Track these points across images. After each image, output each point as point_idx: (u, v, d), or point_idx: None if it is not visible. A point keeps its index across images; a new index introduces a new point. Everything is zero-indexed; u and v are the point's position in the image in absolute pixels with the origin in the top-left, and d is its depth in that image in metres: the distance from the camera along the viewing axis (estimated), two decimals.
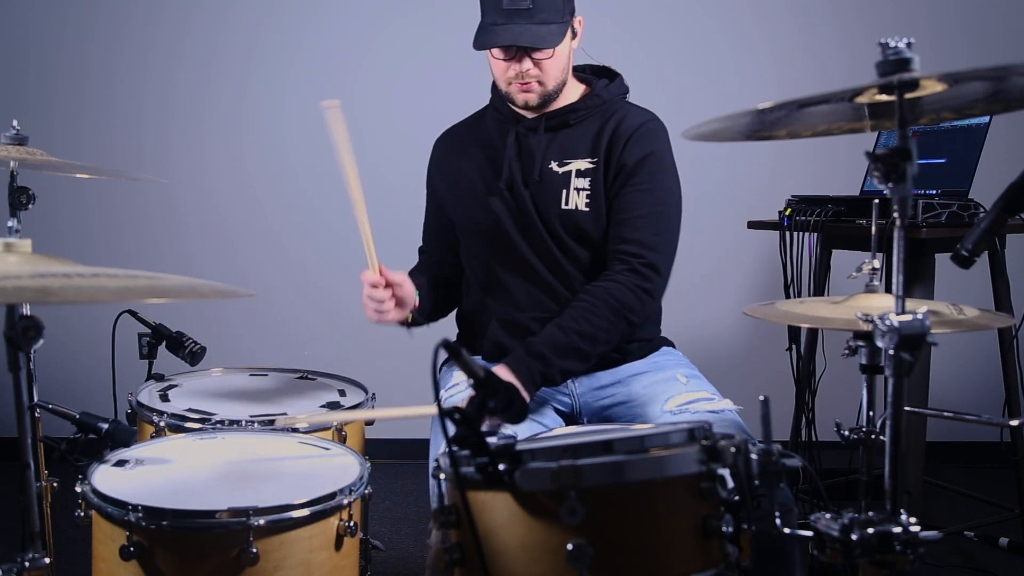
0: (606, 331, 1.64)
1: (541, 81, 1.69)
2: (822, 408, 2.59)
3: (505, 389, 1.04)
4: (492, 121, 1.84)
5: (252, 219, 3.36)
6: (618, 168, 1.72)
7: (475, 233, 1.82)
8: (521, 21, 1.61)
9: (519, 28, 1.61)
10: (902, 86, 1.00)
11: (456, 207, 1.85)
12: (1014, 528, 2.53)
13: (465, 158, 1.84)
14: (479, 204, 1.78)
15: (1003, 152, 2.54)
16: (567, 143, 1.75)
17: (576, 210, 1.72)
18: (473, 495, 0.98)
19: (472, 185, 1.80)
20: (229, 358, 2.06)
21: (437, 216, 1.93)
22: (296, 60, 3.33)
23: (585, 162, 1.73)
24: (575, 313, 1.64)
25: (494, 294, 1.80)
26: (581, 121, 1.76)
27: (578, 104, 1.76)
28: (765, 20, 3.33)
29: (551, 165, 1.74)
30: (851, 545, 0.96)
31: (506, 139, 1.77)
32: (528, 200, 1.74)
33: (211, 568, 1.21)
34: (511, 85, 1.71)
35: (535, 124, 1.76)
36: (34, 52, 3.30)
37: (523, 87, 1.69)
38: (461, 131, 1.91)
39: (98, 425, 1.43)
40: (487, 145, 1.82)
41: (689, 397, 1.68)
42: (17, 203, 1.63)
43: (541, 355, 1.59)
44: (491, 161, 1.80)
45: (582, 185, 1.72)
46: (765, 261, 3.03)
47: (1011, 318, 1.78)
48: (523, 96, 1.71)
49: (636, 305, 1.66)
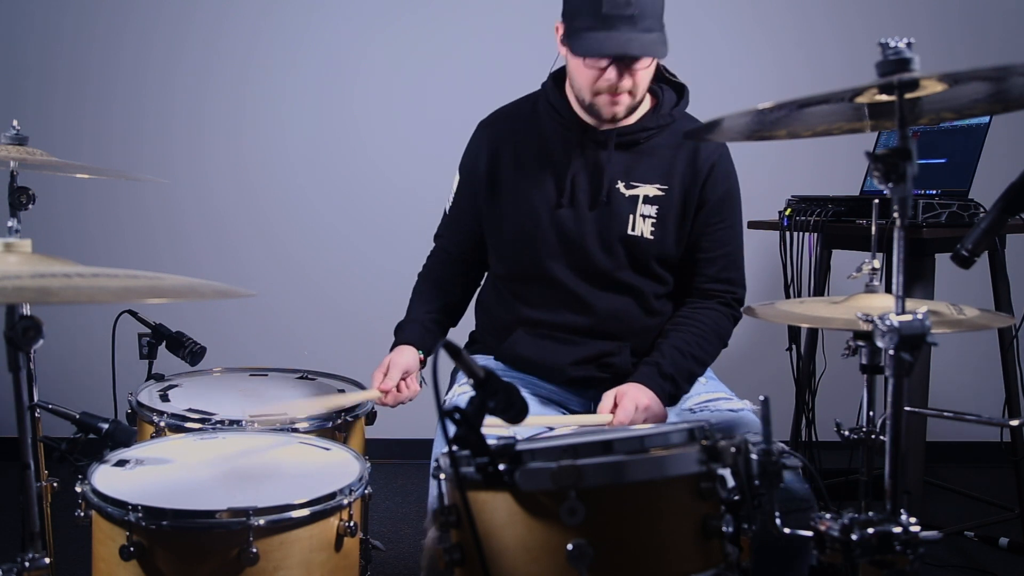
0: (711, 356, 1.72)
1: (632, 92, 1.59)
2: (822, 408, 2.60)
3: (505, 389, 1.04)
4: (550, 121, 1.72)
5: (252, 219, 3.36)
6: (700, 203, 1.70)
7: (518, 244, 1.74)
8: (624, 28, 1.49)
9: (625, 36, 1.50)
10: (902, 86, 1.00)
11: (502, 213, 1.76)
12: (1014, 528, 2.53)
13: (520, 160, 1.74)
14: (532, 214, 1.71)
15: (1003, 152, 2.54)
16: (637, 165, 1.69)
17: (641, 237, 1.68)
18: (473, 495, 0.98)
19: (525, 191, 1.72)
20: (229, 358, 2.06)
21: (471, 207, 1.82)
22: (296, 60, 3.33)
23: (654, 188, 1.68)
24: (690, 338, 1.67)
25: (526, 303, 1.76)
26: (650, 140, 1.69)
27: (648, 122, 1.69)
28: (765, 20, 3.33)
29: (619, 186, 1.68)
30: (851, 545, 0.96)
31: (571, 150, 1.69)
32: (592, 222, 1.69)
33: (211, 568, 1.21)
34: (599, 96, 1.60)
35: (604, 139, 1.67)
36: (34, 52, 3.30)
37: (613, 98, 1.59)
38: (513, 122, 1.79)
39: (98, 425, 1.43)
40: (546, 150, 1.72)
41: (708, 396, 1.69)
42: (17, 203, 1.63)
43: (672, 377, 1.62)
44: (551, 171, 1.71)
45: (649, 212, 1.68)
46: (765, 261, 3.02)
47: (1011, 318, 1.78)
48: (610, 110, 1.61)
49: (729, 331, 1.75)
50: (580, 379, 1.73)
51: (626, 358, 1.71)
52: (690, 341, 1.67)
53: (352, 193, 3.34)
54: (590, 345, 1.72)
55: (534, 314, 1.75)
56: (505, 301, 1.81)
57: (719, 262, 1.73)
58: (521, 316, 1.76)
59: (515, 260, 1.77)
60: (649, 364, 1.63)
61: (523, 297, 1.77)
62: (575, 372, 1.72)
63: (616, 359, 1.71)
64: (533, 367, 1.75)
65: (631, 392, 1.54)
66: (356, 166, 3.33)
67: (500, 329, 1.80)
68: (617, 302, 1.72)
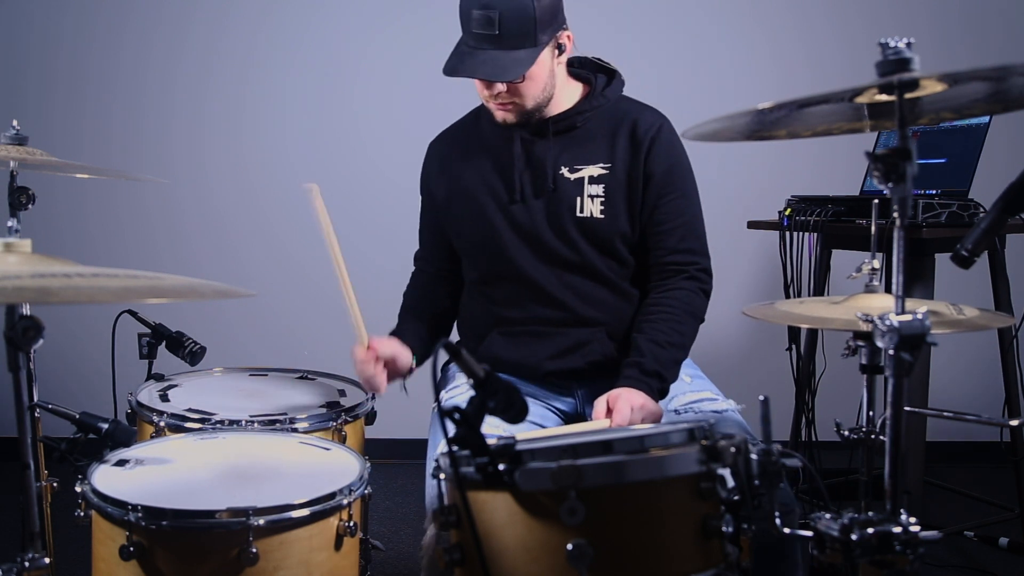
0: (690, 337, 1.70)
1: (516, 103, 1.66)
2: (822, 408, 2.59)
3: (505, 389, 1.04)
4: (490, 125, 1.77)
5: (252, 219, 3.36)
6: (646, 176, 1.70)
7: (480, 246, 1.78)
8: (488, 47, 1.58)
9: (483, 56, 1.58)
10: (902, 86, 1.00)
11: (459, 220, 1.80)
12: (1014, 528, 2.53)
13: (467, 168, 1.79)
14: (486, 218, 1.74)
15: (1003, 152, 2.54)
16: (576, 148, 1.72)
17: (591, 217, 1.70)
18: (473, 495, 0.98)
19: (477, 197, 1.76)
20: (229, 358, 2.05)
21: (435, 223, 1.88)
22: (296, 60, 3.33)
23: (598, 168, 1.71)
24: (664, 327, 1.66)
25: (498, 303, 1.78)
26: (586, 123, 1.73)
27: (582, 106, 1.73)
28: (765, 20, 3.33)
29: (562, 171, 1.71)
30: (851, 545, 0.96)
31: (512, 147, 1.73)
32: (541, 211, 1.72)
33: (211, 568, 1.21)
34: (489, 102, 1.69)
35: (542, 129, 1.72)
36: (34, 52, 3.30)
37: (500, 106, 1.68)
38: (457, 136, 1.86)
39: (98, 425, 1.43)
40: (489, 152, 1.77)
41: (693, 397, 1.69)
42: (17, 203, 1.63)
43: (656, 373, 1.61)
44: (497, 170, 1.75)
45: (596, 191, 1.70)
46: (765, 261, 3.03)
47: (1011, 318, 1.78)
48: (501, 114, 1.69)
49: (703, 307, 1.74)
50: (559, 372, 1.73)
51: (604, 343, 1.72)
52: (664, 330, 1.66)
53: (352, 193, 3.34)
54: (566, 335, 1.73)
55: (507, 312, 1.77)
56: (479, 305, 1.82)
57: (677, 232, 1.72)
58: (496, 317, 1.78)
59: (481, 262, 1.80)
60: (630, 365, 1.63)
61: (494, 298, 1.79)
62: (552, 366, 1.73)
63: (593, 346, 1.72)
64: (511, 367, 1.75)
65: (624, 395, 1.54)
66: (356, 166, 3.33)
67: (477, 334, 1.82)
68: (585, 287, 1.73)
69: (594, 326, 1.73)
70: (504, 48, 1.58)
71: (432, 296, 1.91)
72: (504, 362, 1.75)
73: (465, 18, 1.60)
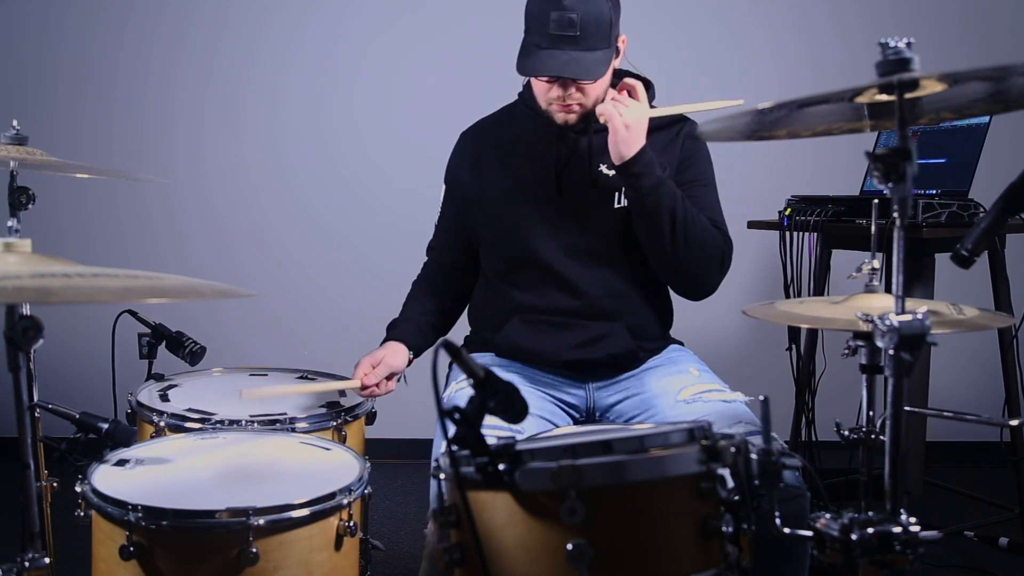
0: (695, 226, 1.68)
1: (583, 104, 1.68)
2: (822, 408, 2.59)
3: (505, 389, 1.04)
4: (529, 121, 1.80)
5: (252, 219, 3.36)
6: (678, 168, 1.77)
7: (508, 237, 1.80)
8: (567, 47, 1.59)
9: (565, 56, 1.59)
10: (902, 86, 1.00)
11: (488, 212, 1.83)
12: (1014, 528, 2.53)
13: (502, 161, 1.82)
14: (519, 211, 1.78)
15: (1003, 152, 2.54)
16: None
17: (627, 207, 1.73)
18: (473, 495, 0.98)
19: (510, 192, 1.79)
20: (229, 358, 2.06)
21: (457, 213, 1.90)
22: (296, 60, 3.33)
23: None
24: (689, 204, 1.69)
25: (519, 292, 1.80)
26: None
27: None
28: (765, 20, 3.33)
29: (601, 168, 1.74)
30: (851, 545, 0.96)
31: (551, 144, 1.75)
32: (579, 206, 1.75)
33: (211, 568, 1.21)
34: (551, 105, 1.70)
35: (582, 126, 1.74)
36: (34, 52, 3.30)
37: (564, 108, 1.69)
38: (492, 129, 1.89)
39: (98, 425, 1.43)
40: (527, 148, 1.79)
41: (702, 388, 1.70)
42: (17, 203, 1.63)
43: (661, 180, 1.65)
44: (535, 166, 1.77)
45: None
46: (765, 261, 3.03)
47: (1011, 318, 1.78)
48: (563, 116, 1.71)
49: (719, 246, 1.73)
50: (576, 362, 1.76)
51: (623, 337, 1.75)
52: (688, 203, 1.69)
53: (352, 193, 3.34)
54: (586, 327, 1.75)
55: (529, 301, 1.78)
56: (499, 295, 1.84)
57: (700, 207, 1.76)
58: (517, 304, 1.80)
59: (508, 253, 1.82)
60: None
61: (518, 286, 1.80)
62: (570, 355, 1.75)
63: (612, 339, 1.74)
64: (528, 355, 1.78)
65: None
66: (356, 166, 3.34)
67: (495, 322, 1.84)
68: (611, 280, 1.76)
69: (615, 320, 1.76)
70: (583, 49, 1.59)
71: (441, 293, 1.94)
72: (523, 350, 1.78)
73: (540, 19, 1.60)
